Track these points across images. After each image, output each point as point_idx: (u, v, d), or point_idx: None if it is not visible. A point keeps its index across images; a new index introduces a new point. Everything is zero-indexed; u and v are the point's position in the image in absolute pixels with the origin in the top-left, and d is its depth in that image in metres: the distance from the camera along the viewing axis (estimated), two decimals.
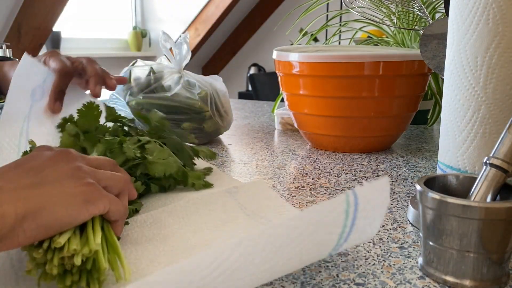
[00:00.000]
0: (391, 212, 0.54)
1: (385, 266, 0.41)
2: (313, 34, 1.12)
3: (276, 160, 0.77)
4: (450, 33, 0.49)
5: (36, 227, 0.33)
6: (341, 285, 0.38)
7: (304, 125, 0.85)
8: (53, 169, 0.36)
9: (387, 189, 0.33)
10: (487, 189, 0.38)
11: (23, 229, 0.32)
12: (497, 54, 0.44)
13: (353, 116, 0.78)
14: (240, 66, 4.63)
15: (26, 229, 0.32)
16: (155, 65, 0.86)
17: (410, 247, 0.44)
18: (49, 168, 0.36)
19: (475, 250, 0.36)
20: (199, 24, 4.02)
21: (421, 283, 0.38)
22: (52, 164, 0.37)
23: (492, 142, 0.45)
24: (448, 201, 0.36)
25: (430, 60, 0.65)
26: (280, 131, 1.03)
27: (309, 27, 1.12)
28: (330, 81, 0.77)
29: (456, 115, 0.48)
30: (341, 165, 0.74)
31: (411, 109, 0.82)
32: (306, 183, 0.65)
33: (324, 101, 0.79)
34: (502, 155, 0.38)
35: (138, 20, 4.08)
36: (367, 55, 0.75)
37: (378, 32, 1.23)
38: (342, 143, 0.81)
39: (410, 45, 1.02)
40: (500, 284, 0.37)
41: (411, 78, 0.78)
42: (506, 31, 0.43)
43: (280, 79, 0.86)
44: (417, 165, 0.74)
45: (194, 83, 0.86)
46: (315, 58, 0.76)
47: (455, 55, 0.47)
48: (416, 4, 0.84)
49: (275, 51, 0.84)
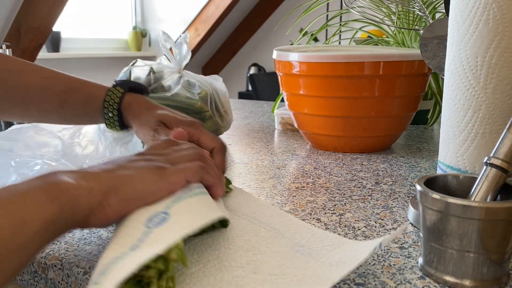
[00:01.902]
0: (391, 212, 0.54)
1: (385, 266, 0.41)
2: (313, 34, 1.12)
3: (276, 160, 0.77)
4: (450, 33, 0.49)
5: (118, 200, 0.37)
6: (341, 285, 0.38)
7: (304, 125, 0.85)
8: (130, 159, 0.42)
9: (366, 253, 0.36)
10: (487, 189, 0.38)
11: (108, 203, 0.37)
12: (497, 54, 0.44)
13: (353, 116, 0.78)
14: (240, 66, 4.62)
15: (111, 203, 0.37)
16: (155, 65, 0.86)
17: (410, 247, 0.44)
18: (126, 159, 0.42)
19: (475, 250, 0.36)
20: (199, 24, 4.02)
21: (421, 283, 0.38)
22: (128, 158, 0.43)
23: (492, 142, 0.45)
24: (448, 201, 0.36)
25: (430, 60, 0.65)
26: (280, 131, 1.03)
27: (309, 27, 1.12)
28: (330, 81, 0.77)
29: (456, 115, 0.48)
30: (341, 165, 0.74)
31: (411, 109, 0.82)
32: (306, 183, 0.65)
33: (324, 101, 0.79)
34: (502, 155, 0.38)
35: (138, 20, 4.08)
36: (367, 55, 0.75)
37: (378, 32, 1.23)
38: (342, 143, 0.81)
39: (410, 45, 1.02)
40: (500, 284, 0.37)
41: (411, 78, 0.78)
42: (506, 31, 0.43)
43: (280, 79, 0.86)
44: (417, 165, 0.74)
45: (194, 83, 0.85)
46: (315, 58, 0.76)
47: (455, 55, 0.47)
48: (416, 4, 0.84)
49: (275, 51, 0.84)
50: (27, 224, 0.31)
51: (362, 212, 0.53)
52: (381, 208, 0.55)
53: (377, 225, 0.50)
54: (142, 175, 0.40)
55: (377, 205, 0.56)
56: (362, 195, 0.59)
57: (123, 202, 0.38)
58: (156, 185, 0.40)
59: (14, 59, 0.63)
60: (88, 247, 0.45)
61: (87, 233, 0.48)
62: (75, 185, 0.35)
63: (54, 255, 0.43)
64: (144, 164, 0.42)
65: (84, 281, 0.40)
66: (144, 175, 0.40)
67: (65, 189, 0.35)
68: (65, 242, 0.46)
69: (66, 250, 0.44)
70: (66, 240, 0.46)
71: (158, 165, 0.42)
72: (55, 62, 3.34)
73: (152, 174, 0.40)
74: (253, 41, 4.60)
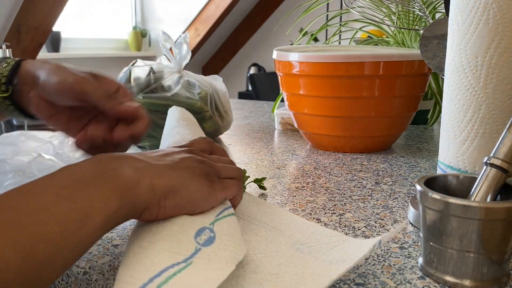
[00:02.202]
0: (391, 212, 0.54)
1: (385, 266, 0.41)
2: (313, 34, 1.12)
3: (276, 160, 0.77)
4: (450, 33, 0.49)
5: (174, 205, 0.37)
6: (341, 285, 0.38)
7: (304, 125, 0.85)
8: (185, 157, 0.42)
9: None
10: (487, 189, 0.38)
11: (164, 205, 0.37)
12: (497, 54, 0.44)
13: (353, 116, 0.78)
14: (240, 66, 4.62)
15: (166, 205, 0.37)
16: (155, 65, 0.86)
17: (410, 247, 0.44)
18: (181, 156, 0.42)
19: (475, 250, 0.36)
20: (199, 24, 4.02)
21: (421, 283, 0.38)
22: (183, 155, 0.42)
23: (492, 142, 0.45)
24: (448, 201, 0.36)
25: (430, 60, 0.65)
26: (280, 131, 1.03)
27: (309, 27, 1.12)
28: (330, 81, 0.77)
29: (456, 115, 0.48)
30: (341, 165, 0.74)
31: (411, 109, 0.82)
32: (306, 183, 0.65)
33: (324, 101, 0.79)
34: (502, 155, 0.38)
35: (138, 20, 4.08)
36: (367, 55, 0.75)
37: (378, 32, 1.23)
38: (342, 143, 0.81)
39: (410, 45, 1.02)
40: (500, 284, 0.37)
41: (411, 78, 0.78)
42: (506, 31, 0.43)
43: (280, 79, 0.86)
44: (417, 165, 0.74)
45: (194, 83, 0.85)
46: (315, 58, 0.76)
47: (455, 55, 0.47)
48: (416, 4, 0.84)
49: (275, 51, 0.84)
50: (91, 219, 0.32)
51: (362, 212, 0.53)
52: (381, 208, 0.55)
53: (377, 225, 0.50)
54: (196, 184, 0.40)
55: (377, 205, 0.56)
56: (362, 195, 0.59)
57: (177, 208, 0.38)
58: (205, 199, 0.40)
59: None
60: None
61: None
62: (138, 181, 0.35)
63: None
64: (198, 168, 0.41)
65: (84, 281, 0.40)
66: (198, 184, 0.40)
67: (129, 186, 0.35)
68: None
69: None
70: None
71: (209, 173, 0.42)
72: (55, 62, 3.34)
73: (204, 186, 0.40)
74: (253, 41, 4.60)
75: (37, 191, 0.31)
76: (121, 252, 0.43)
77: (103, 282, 0.39)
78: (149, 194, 0.36)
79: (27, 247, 0.28)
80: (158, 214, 0.37)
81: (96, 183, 0.33)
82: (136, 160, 0.38)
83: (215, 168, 0.43)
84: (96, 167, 0.35)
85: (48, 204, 0.30)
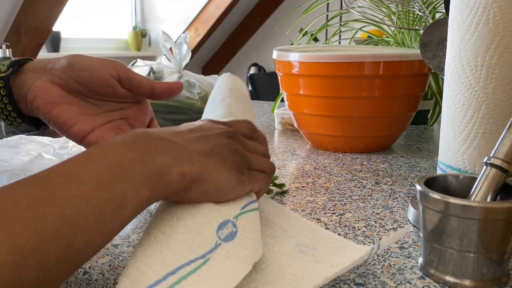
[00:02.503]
0: (391, 212, 0.54)
1: (385, 266, 0.41)
2: (313, 34, 1.12)
3: (276, 160, 0.77)
4: (450, 33, 0.49)
5: (200, 192, 0.38)
6: (341, 285, 0.38)
7: (304, 125, 0.85)
8: (219, 144, 0.41)
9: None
10: (487, 189, 0.38)
11: (190, 190, 0.37)
12: (497, 54, 0.44)
13: (353, 116, 0.78)
14: (240, 66, 4.62)
15: (192, 191, 0.37)
16: (155, 65, 0.86)
17: (410, 247, 0.44)
18: (216, 142, 0.41)
19: (475, 250, 0.36)
20: (199, 24, 4.02)
21: (421, 283, 0.38)
22: (220, 139, 0.41)
23: (492, 142, 0.45)
24: (448, 201, 0.36)
25: (430, 60, 0.65)
26: (280, 131, 1.03)
27: (309, 27, 1.12)
28: (330, 81, 0.77)
29: (456, 115, 0.48)
30: (341, 165, 0.74)
31: (411, 109, 0.82)
32: (306, 183, 0.65)
33: (324, 101, 0.79)
34: (502, 155, 0.38)
35: (138, 20, 4.08)
36: (367, 55, 0.75)
37: (378, 32, 1.23)
38: (342, 143, 0.81)
39: (410, 45, 1.02)
40: (500, 284, 0.37)
41: (411, 78, 0.78)
42: (506, 31, 0.43)
43: (280, 79, 0.86)
44: (417, 165, 0.74)
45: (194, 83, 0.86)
46: (315, 58, 0.76)
47: (455, 55, 0.47)
48: (416, 4, 0.84)
49: (275, 51, 0.84)
50: (124, 208, 0.32)
51: (362, 212, 0.53)
52: (381, 208, 0.55)
53: (377, 225, 0.50)
54: (225, 173, 0.40)
55: (377, 205, 0.56)
56: (362, 195, 0.59)
57: (202, 195, 0.38)
58: (233, 189, 0.40)
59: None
60: None
61: None
62: (171, 169, 0.36)
63: None
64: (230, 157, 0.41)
65: (84, 281, 0.40)
66: (226, 174, 0.40)
67: (161, 174, 0.35)
68: None
69: None
70: None
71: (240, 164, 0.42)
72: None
73: (232, 176, 0.40)
74: (253, 41, 4.60)
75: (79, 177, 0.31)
76: (121, 252, 0.43)
77: (103, 282, 0.39)
78: (178, 182, 0.36)
79: (67, 238, 0.29)
80: (183, 198, 0.38)
81: (132, 170, 0.33)
82: (171, 144, 0.38)
83: (247, 159, 0.43)
84: (133, 151, 0.35)
85: (88, 194, 0.31)
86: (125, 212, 0.32)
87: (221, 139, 0.41)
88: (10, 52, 1.48)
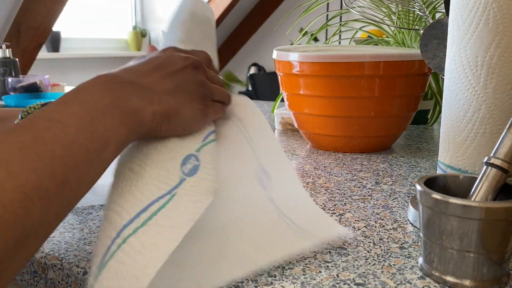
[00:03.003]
0: (391, 212, 0.54)
1: (385, 266, 0.41)
2: (313, 34, 1.12)
3: None
4: (450, 33, 0.49)
5: (169, 129, 0.41)
6: (341, 285, 0.38)
7: (304, 125, 0.85)
8: (185, 79, 0.43)
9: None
10: (487, 189, 0.38)
11: (161, 128, 0.40)
12: (497, 54, 0.44)
13: (353, 116, 0.78)
14: (240, 66, 4.62)
15: (162, 128, 0.40)
16: None
17: (410, 247, 0.44)
18: (183, 77, 0.43)
19: (475, 250, 0.36)
20: None
21: (421, 283, 0.38)
22: (185, 73, 0.44)
23: (492, 142, 0.45)
24: (448, 201, 0.36)
25: (430, 60, 0.65)
26: (280, 131, 1.03)
27: (309, 27, 1.12)
28: (330, 81, 0.77)
29: (456, 115, 0.48)
30: (341, 165, 0.74)
31: (411, 109, 0.82)
32: (306, 183, 0.65)
33: (324, 101, 0.79)
34: (503, 155, 0.38)
35: (138, 20, 4.08)
36: (367, 55, 0.75)
37: (378, 32, 1.23)
38: (342, 143, 0.81)
39: (410, 45, 1.02)
40: (500, 284, 0.37)
41: (411, 78, 0.78)
42: (506, 31, 0.43)
43: (280, 79, 0.86)
44: (417, 165, 0.74)
45: None
46: (315, 58, 0.76)
47: (455, 55, 0.47)
48: (416, 4, 0.84)
49: (275, 51, 0.84)
50: (107, 147, 0.35)
51: (362, 212, 0.53)
52: (381, 208, 0.55)
53: (377, 225, 0.50)
54: (191, 109, 0.43)
55: (377, 205, 0.56)
56: (362, 195, 0.59)
57: (171, 131, 0.41)
58: (197, 123, 0.44)
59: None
60: (88, 247, 0.45)
61: (87, 233, 0.48)
62: (142, 109, 0.38)
63: (54, 255, 0.43)
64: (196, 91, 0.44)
65: (84, 281, 0.40)
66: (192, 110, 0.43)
67: (135, 114, 0.38)
68: (65, 242, 0.46)
69: (66, 250, 0.44)
70: (66, 240, 0.46)
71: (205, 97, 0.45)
72: (55, 62, 3.34)
73: (197, 111, 0.43)
74: (253, 41, 4.60)
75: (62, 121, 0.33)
76: None
77: None
78: (150, 121, 0.39)
79: (61, 176, 0.31)
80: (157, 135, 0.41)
81: (108, 114, 0.36)
82: (140, 87, 0.40)
83: (211, 91, 0.46)
84: (107, 95, 0.37)
85: (73, 135, 0.33)
86: (109, 151, 0.35)
87: (187, 73, 0.44)
88: (10, 52, 1.47)
